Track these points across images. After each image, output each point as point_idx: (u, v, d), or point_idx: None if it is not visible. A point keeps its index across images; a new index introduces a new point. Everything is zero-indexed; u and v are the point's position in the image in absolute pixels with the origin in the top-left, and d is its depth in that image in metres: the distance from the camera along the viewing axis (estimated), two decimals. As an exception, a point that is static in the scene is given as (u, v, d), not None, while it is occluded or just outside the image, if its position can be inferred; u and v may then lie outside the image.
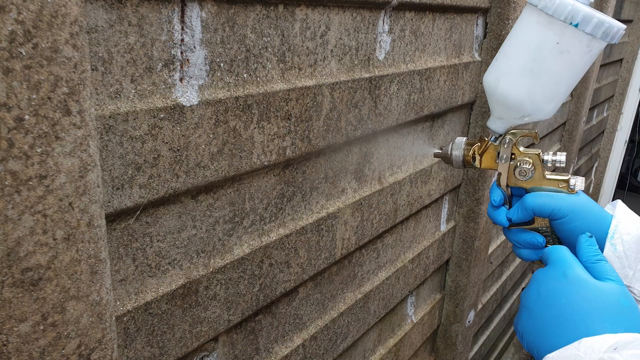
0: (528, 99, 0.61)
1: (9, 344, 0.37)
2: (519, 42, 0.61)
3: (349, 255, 0.90)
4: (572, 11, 0.55)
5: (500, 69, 0.63)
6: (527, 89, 0.61)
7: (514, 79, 0.62)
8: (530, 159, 0.66)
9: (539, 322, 0.54)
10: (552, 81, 0.60)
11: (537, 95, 0.61)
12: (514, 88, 0.62)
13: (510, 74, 0.62)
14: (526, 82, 0.61)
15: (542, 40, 0.58)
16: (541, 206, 0.63)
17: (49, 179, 0.37)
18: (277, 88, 0.63)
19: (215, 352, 0.66)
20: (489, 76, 0.65)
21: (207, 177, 0.56)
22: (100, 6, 0.43)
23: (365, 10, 0.75)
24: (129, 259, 0.52)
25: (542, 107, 0.62)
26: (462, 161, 0.72)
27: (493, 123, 0.67)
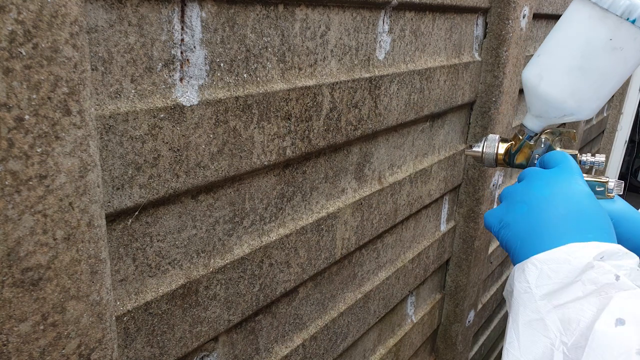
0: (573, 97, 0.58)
1: (9, 343, 0.37)
2: (567, 37, 0.58)
3: (349, 255, 0.90)
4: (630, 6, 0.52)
5: (543, 64, 0.60)
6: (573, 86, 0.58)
7: (559, 76, 0.58)
8: None
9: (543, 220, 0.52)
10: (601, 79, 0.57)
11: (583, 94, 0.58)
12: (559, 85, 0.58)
13: (555, 70, 0.58)
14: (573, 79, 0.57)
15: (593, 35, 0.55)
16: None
17: (49, 179, 0.37)
18: (277, 88, 0.63)
19: (215, 352, 0.66)
20: (530, 72, 0.62)
21: (207, 177, 0.56)
22: (100, 6, 0.43)
23: (365, 10, 0.75)
24: (129, 259, 0.52)
25: (586, 106, 0.59)
26: (495, 160, 0.68)
27: (530, 121, 0.64)
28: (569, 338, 0.45)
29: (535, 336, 0.49)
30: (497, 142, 0.68)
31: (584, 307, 0.46)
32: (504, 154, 0.68)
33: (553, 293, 0.48)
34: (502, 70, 1.16)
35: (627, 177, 3.67)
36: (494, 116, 1.20)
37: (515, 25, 1.14)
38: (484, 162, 0.70)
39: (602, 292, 0.45)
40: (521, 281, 0.51)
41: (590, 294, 0.46)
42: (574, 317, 0.46)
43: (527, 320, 0.50)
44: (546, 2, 1.41)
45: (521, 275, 0.51)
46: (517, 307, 0.51)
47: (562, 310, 0.47)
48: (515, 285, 0.52)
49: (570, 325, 0.46)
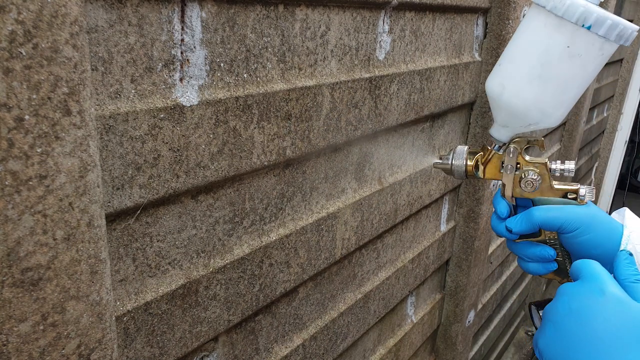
0: (535, 106, 0.58)
1: (8, 344, 0.37)
2: (525, 45, 0.57)
3: (349, 255, 0.90)
4: (585, 13, 0.51)
5: (504, 74, 0.60)
6: (535, 95, 0.57)
7: (520, 85, 0.58)
8: (537, 168, 0.62)
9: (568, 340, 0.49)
10: (562, 87, 0.56)
11: (546, 102, 0.57)
12: (520, 95, 0.58)
13: (516, 79, 0.58)
14: (533, 88, 0.57)
15: (550, 43, 0.55)
16: (549, 220, 0.60)
17: (49, 179, 0.37)
18: (277, 88, 0.63)
19: (215, 352, 0.66)
20: (492, 82, 0.61)
21: (207, 177, 0.56)
22: (100, 6, 0.43)
23: (365, 10, 0.75)
24: (129, 259, 0.52)
25: (550, 115, 0.58)
26: (464, 172, 0.68)
27: (497, 131, 0.63)
28: None
29: None
30: (465, 154, 0.67)
31: None
32: (474, 165, 0.67)
33: None
34: (502, 70, 1.16)
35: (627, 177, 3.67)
36: (494, 116, 1.20)
37: (515, 25, 1.14)
38: (454, 175, 0.69)
39: None
40: None
41: None
42: None
43: None
44: (546, 2, 1.41)
45: None
46: None
47: None
48: None
49: None
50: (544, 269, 0.64)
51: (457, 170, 0.68)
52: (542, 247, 0.63)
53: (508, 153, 0.63)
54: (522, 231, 0.63)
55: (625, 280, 0.51)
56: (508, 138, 0.63)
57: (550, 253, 0.63)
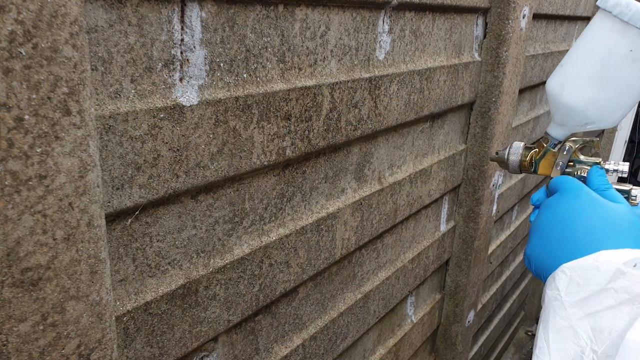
0: (594, 106, 0.60)
1: (8, 344, 0.37)
2: (589, 48, 0.60)
3: (348, 255, 0.90)
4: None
5: (566, 74, 0.62)
6: (594, 96, 0.59)
7: (580, 86, 0.60)
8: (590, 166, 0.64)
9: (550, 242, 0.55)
10: (622, 89, 0.59)
11: (604, 103, 0.60)
12: (580, 95, 0.60)
13: (577, 80, 0.60)
14: (594, 89, 0.59)
15: (614, 46, 0.57)
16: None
17: (48, 179, 0.37)
18: (277, 88, 0.63)
19: (215, 352, 0.66)
20: (553, 81, 0.63)
21: (207, 177, 0.56)
22: (100, 6, 0.43)
23: (365, 10, 0.75)
24: (129, 259, 0.52)
25: (607, 116, 0.61)
26: (519, 166, 0.70)
27: (553, 129, 0.65)
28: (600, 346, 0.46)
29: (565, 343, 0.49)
30: (521, 149, 0.69)
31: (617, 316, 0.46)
32: (528, 160, 0.69)
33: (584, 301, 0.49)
34: (502, 70, 1.16)
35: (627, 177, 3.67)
36: (493, 116, 1.20)
37: (515, 25, 1.14)
38: (509, 169, 0.71)
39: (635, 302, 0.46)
40: (552, 289, 0.52)
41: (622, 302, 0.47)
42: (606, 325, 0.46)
43: (557, 328, 0.51)
44: (546, 2, 1.41)
45: (552, 283, 0.53)
46: (547, 314, 0.52)
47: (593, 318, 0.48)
48: (547, 293, 0.53)
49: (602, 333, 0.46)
50: None
51: (512, 164, 0.70)
52: None
53: (562, 151, 0.66)
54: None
55: (597, 189, 0.58)
56: (564, 136, 0.66)
57: None
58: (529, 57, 1.42)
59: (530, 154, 0.69)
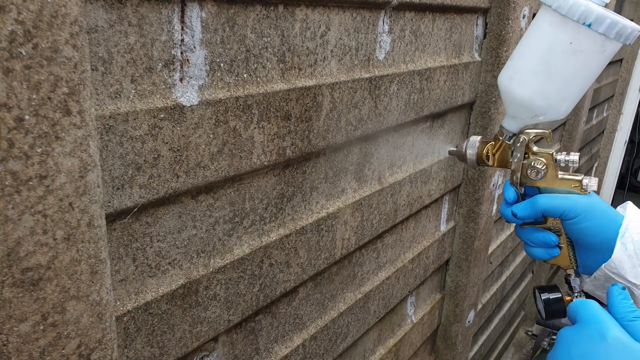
0: (541, 98, 0.61)
1: (9, 343, 0.37)
2: (533, 41, 0.61)
3: (348, 255, 0.90)
4: (586, 11, 0.55)
5: (514, 68, 0.64)
6: (540, 88, 0.61)
7: (527, 78, 0.62)
8: (543, 158, 0.66)
9: None
10: (565, 81, 0.60)
11: (550, 95, 0.61)
12: (527, 87, 0.62)
13: (524, 73, 0.62)
14: (539, 81, 0.61)
15: (555, 39, 0.58)
16: (553, 207, 0.63)
17: (49, 179, 0.37)
18: (277, 88, 0.63)
19: (215, 352, 0.66)
20: (504, 75, 0.65)
21: (207, 177, 0.56)
22: (100, 6, 0.43)
23: (365, 10, 0.75)
24: (129, 259, 0.52)
25: (555, 107, 0.62)
26: (477, 160, 0.72)
27: (507, 122, 0.67)
28: None
29: None
30: (478, 143, 0.71)
31: None
32: (485, 153, 0.71)
33: None
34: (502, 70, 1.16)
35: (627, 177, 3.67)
36: (493, 116, 1.20)
37: (515, 25, 1.14)
38: (467, 162, 0.73)
39: None
40: None
41: None
42: None
43: None
44: (546, 2, 1.41)
45: None
46: None
47: None
48: None
49: None
50: (547, 254, 0.67)
51: (470, 158, 0.72)
52: (545, 232, 0.66)
53: (517, 143, 0.67)
54: (526, 216, 0.66)
55: (623, 319, 0.50)
56: (517, 129, 0.67)
57: (552, 239, 0.65)
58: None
59: (486, 147, 0.70)
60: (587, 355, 0.48)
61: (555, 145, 2.18)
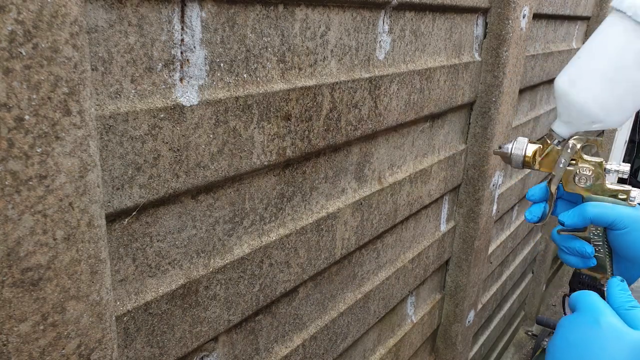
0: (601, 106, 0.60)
1: (9, 343, 0.37)
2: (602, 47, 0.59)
3: (349, 255, 0.90)
4: None
5: (576, 72, 0.62)
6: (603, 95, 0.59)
7: (590, 84, 0.60)
8: (593, 166, 0.64)
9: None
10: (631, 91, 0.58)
11: (612, 103, 0.59)
12: (589, 93, 0.60)
13: (587, 78, 0.60)
14: (603, 88, 0.59)
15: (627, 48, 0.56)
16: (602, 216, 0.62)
17: (49, 179, 0.37)
18: (277, 88, 0.63)
19: (215, 352, 0.66)
20: (562, 78, 0.63)
21: (207, 177, 0.56)
22: (100, 6, 0.43)
23: (365, 10, 0.75)
24: (129, 259, 0.52)
25: (614, 116, 0.60)
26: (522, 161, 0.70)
27: (558, 127, 0.66)
28: None
29: None
30: (525, 144, 0.70)
31: None
32: (532, 156, 0.69)
33: None
34: (502, 70, 1.16)
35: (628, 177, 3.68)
36: (494, 116, 1.20)
37: (515, 25, 1.14)
38: (512, 163, 0.71)
39: None
40: None
41: None
42: None
43: None
44: (546, 2, 1.41)
45: None
46: None
47: None
48: None
49: None
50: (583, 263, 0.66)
51: (515, 159, 0.70)
52: (582, 242, 0.65)
53: (566, 148, 0.66)
54: (573, 224, 0.64)
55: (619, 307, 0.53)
56: (568, 134, 0.66)
57: (589, 251, 0.64)
58: (529, 57, 1.42)
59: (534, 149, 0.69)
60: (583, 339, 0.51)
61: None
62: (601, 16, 1.99)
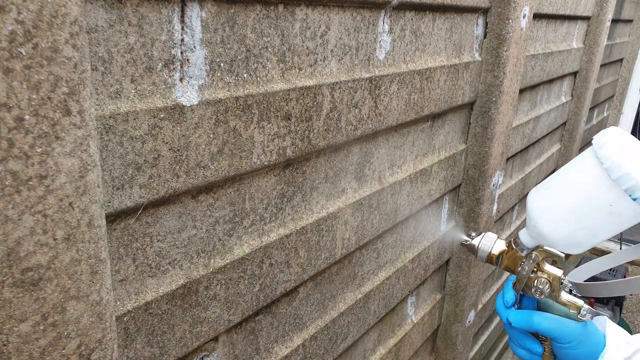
0: (564, 240, 0.64)
1: (9, 344, 0.37)
2: (573, 185, 0.62)
3: (349, 255, 0.90)
4: (635, 185, 0.55)
5: (546, 201, 0.65)
6: (567, 232, 0.63)
7: (556, 218, 0.63)
8: (550, 278, 0.68)
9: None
10: (594, 232, 0.62)
11: (573, 240, 0.63)
12: (554, 227, 0.64)
13: (555, 212, 0.64)
14: (568, 226, 0.62)
15: (596, 196, 0.59)
16: (547, 330, 0.65)
17: (49, 179, 0.37)
18: (277, 88, 0.63)
19: (215, 352, 0.66)
20: (535, 200, 0.66)
21: (207, 177, 0.56)
22: (100, 6, 0.43)
23: (365, 10, 0.75)
24: (129, 259, 0.52)
25: (574, 248, 0.64)
26: (487, 258, 0.74)
27: (524, 237, 0.69)
28: None
29: None
30: (493, 242, 0.74)
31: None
32: (496, 255, 0.74)
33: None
34: (502, 70, 1.16)
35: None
36: (494, 116, 1.20)
37: (515, 25, 1.14)
38: (477, 256, 0.76)
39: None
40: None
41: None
42: None
43: None
44: (546, 2, 1.41)
45: None
46: None
47: None
48: None
49: None
50: (530, 358, 0.71)
51: (481, 255, 0.75)
52: (532, 341, 0.69)
53: (529, 258, 0.69)
54: (520, 328, 0.69)
55: None
56: (532, 246, 0.70)
57: (538, 350, 0.69)
58: (529, 56, 1.42)
59: (500, 250, 0.73)
60: None
61: (555, 146, 2.18)
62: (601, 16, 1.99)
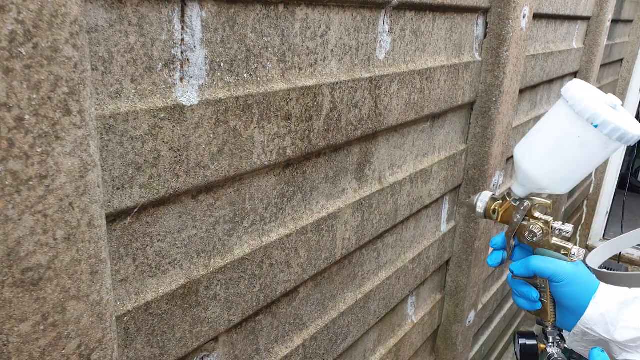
0: (546, 176, 0.71)
1: (9, 344, 0.37)
2: (548, 127, 0.71)
3: (349, 255, 0.90)
4: (595, 114, 0.64)
5: (528, 146, 0.73)
6: (547, 168, 0.70)
7: (537, 158, 0.71)
8: (542, 224, 0.74)
9: None
10: (570, 166, 0.70)
11: (555, 175, 0.71)
12: (536, 165, 0.71)
13: (535, 152, 0.72)
14: (547, 162, 0.70)
15: (566, 131, 0.67)
16: (543, 269, 0.71)
17: (49, 179, 0.37)
18: (278, 88, 0.63)
19: (215, 352, 0.66)
20: (519, 149, 0.74)
21: (208, 177, 0.56)
22: (100, 6, 0.43)
23: (365, 10, 0.75)
24: (130, 259, 0.52)
25: (558, 185, 0.72)
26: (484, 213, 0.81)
27: (516, 187, 0.76)
28: None
29: None
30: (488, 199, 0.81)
31: None
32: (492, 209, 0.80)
33: None
34: (502, 70, 1.16)
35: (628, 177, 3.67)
36: (494, 116, 1.20)
37: (515, 25, 1.14)
38: (475, 214, 0.83)
39: None
40: None
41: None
42: None
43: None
44: (546, 2, 1.41)
45: None
46: None
47: None
48: None
49: None
50: (530, 306, 0.76)
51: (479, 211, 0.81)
52: (529, 288, 0.75)
53: (521, 206, 0.75)
54: (520, 274, 0.75)
55: None
56: (524, 194, 0.76)
57: (534, 295, 0.74)
58: (529, 57, 1.42)
59: (494, 204, 0.80)
60: None
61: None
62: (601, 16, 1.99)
